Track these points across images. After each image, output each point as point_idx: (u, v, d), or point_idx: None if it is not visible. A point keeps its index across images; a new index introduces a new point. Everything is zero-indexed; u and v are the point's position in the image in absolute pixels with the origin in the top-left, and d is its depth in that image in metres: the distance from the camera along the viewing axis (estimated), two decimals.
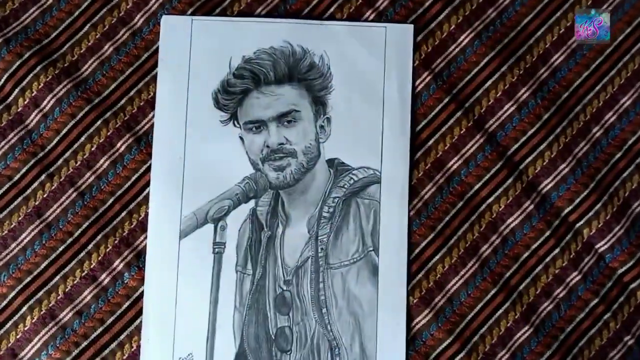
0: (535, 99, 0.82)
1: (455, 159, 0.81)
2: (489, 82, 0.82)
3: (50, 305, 0.78)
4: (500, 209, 0.80)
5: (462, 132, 0.82)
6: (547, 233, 0.80)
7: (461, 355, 0.78)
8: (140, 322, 0.78)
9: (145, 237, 0.79)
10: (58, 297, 0.79)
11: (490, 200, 0.81)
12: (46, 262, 0.79)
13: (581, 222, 0.80)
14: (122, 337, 0.78)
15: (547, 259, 0.80)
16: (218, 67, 0.81)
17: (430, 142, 0.81)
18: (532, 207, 0.80)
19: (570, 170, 0.81)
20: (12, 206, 0.80)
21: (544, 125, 0.81)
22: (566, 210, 0.80)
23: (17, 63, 0.81)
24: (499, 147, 0.81)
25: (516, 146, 0.81)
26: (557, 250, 0.80)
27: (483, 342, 0.79)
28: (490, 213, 0.80)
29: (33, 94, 0.81)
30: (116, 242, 0.79)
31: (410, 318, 0.78)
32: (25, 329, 0.78)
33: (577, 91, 0.82)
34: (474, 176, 0.81)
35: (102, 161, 0.81)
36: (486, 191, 0.81)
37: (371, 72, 0.81)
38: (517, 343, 0.78)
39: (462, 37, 0.83)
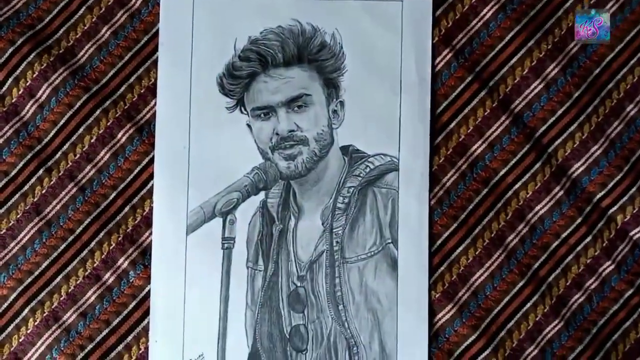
0: (564, 75, 0.79)
1: (479, 142, 0.79)
2: (515, 59, 0.80)
3: (53, 306, 0.77)
4: (528, 196, 0.78)
5: (486, 113, 0.79)
6: (578, 220, 0.78)
7: (487, 352, 0.77)
8: (148, 322, 0.77)
9: (150, 233, 0.78)
10: (61, 298, 0.77)
11: (517, 187, 0.78)
12: (47, 262, 0.78)
13: (615, 208, 0.78)
14: (129, 338, 0.77)
15: (578, 248, 0.78)
16: (222, 50, 0.78)
17: (452, 125, 0.79)
18: (562, 192, 0.78)
19: (602, 152, 0.78)
20: (9, 203, 0.79)
21: (574, 104, 0.79)
22: (598, 196, 0.78)
23: (10, 51, 0.79)
24: (526, 129, 0.79)
25: (544, 127, 0.79)
26: (589, 239, 0.78)
27: (510, 338, 0.77)
28: (517, 200, 0.78)
29: (27, 84, 0.79)
30: (120, 239, 0.78)
31: (432, 314, 0.77)
32: (28, 332, 0.77)
33: (610, 66, 0.79)
34: (499, 161, 0.79)
35: (102, 153, 0.79)
36: (512, 177, 0.78)
37: (387, 51, 0.79)
38: (546, 338, 0.77)
39: (485, 10, 0.80)
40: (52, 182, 0.78)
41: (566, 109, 0.79)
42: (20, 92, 0.79)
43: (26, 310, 0.77)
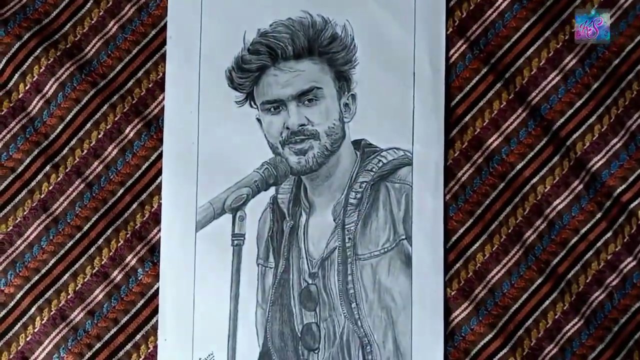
0: (582, 66, 0.78)
1: (495, 136, 0.78)
2: (531, 50, 0.78)
3: (60, 305, 0.77)
4: (546, 190, 0.77)
5: (502, 106, 0.78)
6: (598, 215, 0.77)
7: (505, 350, 0.75)
8: (157, 321, 0.76)
9: (159, 230, 0.77)
10: (68, 297, 0.77)
11: (535, 181, 0.77)
12: (54, 259, 0.77)
13: (635, 202, 0.76)
14: (137, 337, 0.77)
15: (599, 244, 0.76)
16: (231, 43, 0.77)
17: (467, 118, 0.78)
18: (581, 187, 0.77)
19: (622, 145, 0.77)
20: (16, 200, 0.78)
21: (592, 96, 0.78)
22: (619, 190, 0.77)
23: (16, 45, 0.79)
24: (544, 122, 0.78)
25: (562, 120, 0.78)
26: (609, 234, 0.76)
27: (529, 337, 0.76)
28: (535, 195, 0.77)
29: (34, 79, 0.79)
30: (128, 235, 0.77)
31: (448, 312, 0.76)
32: (35, 330, 0.77)
33: (629, 56, 0.78)
34: (516, 154, 0.77)
35: (110, 149, 0.78)
36: (530, 171, 0.77)
37: (400, 42, 0.78)
38: (566, 336, 0.75)
39: (500, 1, 0.79)
40: (59, 179, 0.78)
41: (585, 101, 0.77)
42: (27, 88, 0.79)
43: (33, 309, 0.77)
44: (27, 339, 0.76)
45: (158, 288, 0.76)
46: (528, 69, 0.78)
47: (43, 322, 0.76)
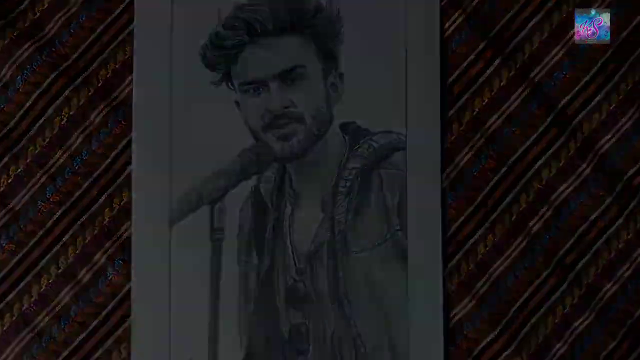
0: None
1: (496, 116, 0.77)
2: (533, 22, 0.77)
3: (23, 309, 0.75)
4: (551, 175, 0.76)
5: (502, 84, 0.77)
6: (608, 200, 0.75)
7: (510, 349, 0.74)
8: (129, 325, 0.74)
9: (130, 225, 0.75)
10: (32, 300, 0.75)
11: (539, 165, 0.76)
12: (15, 259, 0.75)
13: None
14: (108, 343, 0.74)
15: (609, 232, 0.75)
16: (205, 18, 0.75)
17: (465, 97, 0.77)
18: (589, 170, 0.76)
19: (633, 125, 0.76)
20: None
21: (600, 71, 0.77)
22: (630, 172, 0.76)
23: None
24: (548, 101, 0.77)
25: (568, 98, 0.77)
26: (620, 221, 0.75)
27: (535, 334, 0.74)
28: (540, 180, 0.76)
29: None
30: (96, 232, 0.76)
31: (448, 308, 0.74)
32: None
33: (638, 28, 0.77)
34: (518, 136, 0.77)
35: (74, 137, 0.77)
36: (534, 154, 0.76)
37: (390, 16, 0.76)
38: (576, 333, 0.74)
39: None
40: (18, 171, 0.76)
41: (591, 76, 0.77)
42: None
43: None
44: None
45: (130, 289, 0.74)
46: (529, 43, 0.77)
47: (4, 328, 0.74)
